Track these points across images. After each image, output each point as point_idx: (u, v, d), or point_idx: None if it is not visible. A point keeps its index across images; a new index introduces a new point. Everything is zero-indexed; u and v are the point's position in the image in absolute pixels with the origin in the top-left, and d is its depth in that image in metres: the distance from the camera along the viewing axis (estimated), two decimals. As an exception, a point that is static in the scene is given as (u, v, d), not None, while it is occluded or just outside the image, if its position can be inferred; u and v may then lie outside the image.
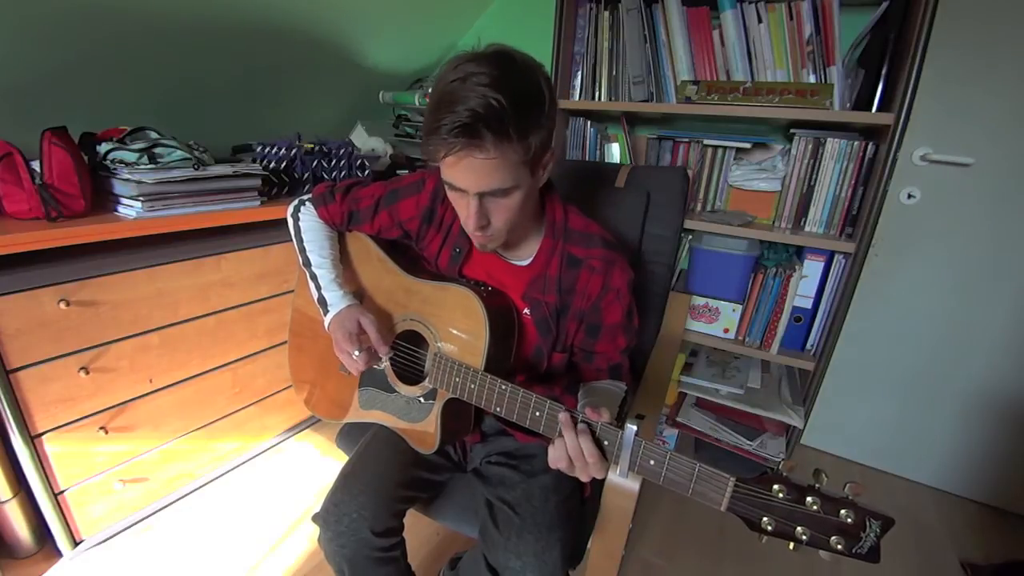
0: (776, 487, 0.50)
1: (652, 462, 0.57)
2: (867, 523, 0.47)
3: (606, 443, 0.60)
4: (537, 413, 0.65)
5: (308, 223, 0.89)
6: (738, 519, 0.53)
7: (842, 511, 0.48)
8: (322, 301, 0.83)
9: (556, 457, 0.63)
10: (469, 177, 0.64)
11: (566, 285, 0.78)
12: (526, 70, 0.63)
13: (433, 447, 0.80)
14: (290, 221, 0.90)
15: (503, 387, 0.68)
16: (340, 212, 0.88)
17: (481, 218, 0.67)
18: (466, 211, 0.68)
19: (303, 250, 0.87)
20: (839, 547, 0.48)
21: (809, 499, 0.49)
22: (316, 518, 0.82)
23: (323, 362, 0.94)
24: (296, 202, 0.90)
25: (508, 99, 0.58)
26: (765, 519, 0.51)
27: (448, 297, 0.78)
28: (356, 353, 0.77)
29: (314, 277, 0.85)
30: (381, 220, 0.87)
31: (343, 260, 0.92)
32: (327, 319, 0.81)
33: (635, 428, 0.58)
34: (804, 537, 0.50)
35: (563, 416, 0.62)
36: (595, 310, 0.78)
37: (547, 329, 0.79)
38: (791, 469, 0.51)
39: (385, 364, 0.86)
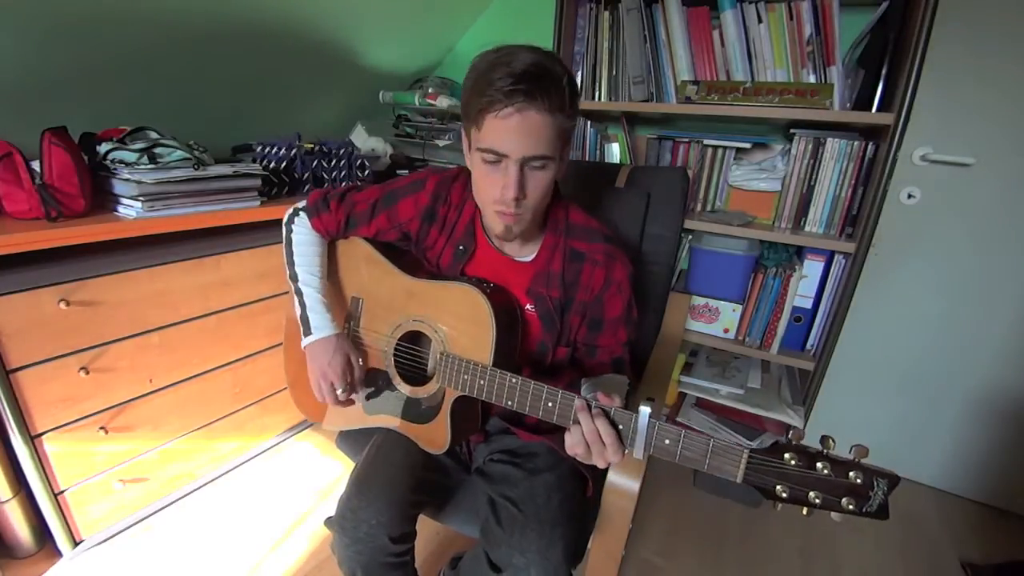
0: (788, 455, 0.52)
1: (667, 441, 0.59)
2: (875, 482, 0.49)
3: (620, 427, 0.61)
4: (550, 404, 0.66)
5: (300, 236, 0.88)
6: (737, 519, 0.54)
7: (851, 473, 0.50)
8: (305, 320, 0.83)
9: (573, 443, 0.63)
10: (519, 137, 0.64)
11: (569, 279, 0.79)
12: (562, 62, 0.67)
13: (443, 447, 0.81)
14: (284, 231, 0.89)
15: (514, 381, 0.69)
16: (335, 219, 0.87)
17: (520, 189, 0.67)
18: (503, 182, 0.67)
19: (291, 263, 0.86)
20: (850, 507, 0.50)
21: (819, 464, 0.51)
22: (331, 523, 0.81)
23: None
24: (291, 211, 0.89)
25: (560, 70, 0.64)
26: (779, 487, 0.53)
27: (451, 295, 0.79)
28: (339, 391, 0.80)
29: (300, 294, 0.84)
30: (379, 222, 0.87)
31: (341, 263, 0.92)
32: (308, 340, 0.82)
33: (648, 410, 0.59)
34: (817, 501, 0.51)
35: (578, 402, 0.63)
36: (597, 303, 0.80)
37: (551, 324, 0.80)
38: (800, 439, 0.53)
39: (361, 399, 0.88)
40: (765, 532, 1.38)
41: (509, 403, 0.70)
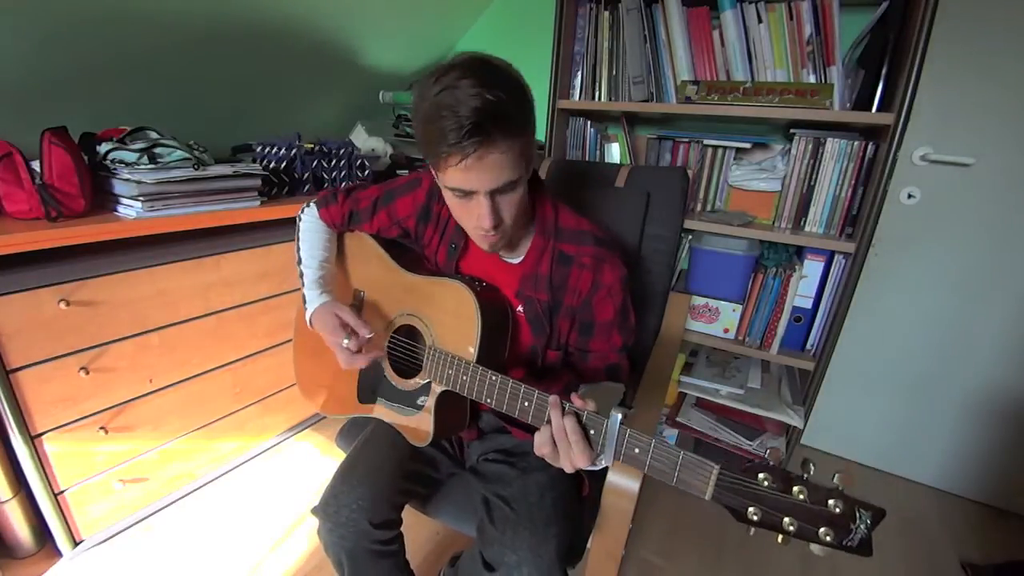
0: (762, 476, 0.49)
1: (637, 450, 0.57)
2: (857, 514, 0.45)
3: (591, 432, 0.61)
4: (526, 403, 0.66)
5: (308, 224, 0.94)
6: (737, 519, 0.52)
7: (830, 501, 0.46)
8: (304, 299, 0.87)
9: (541, 442, 0.64)
10: (484, 177, 0.64)
11: (557, 282, 0.79)
12: (504, 67, 0.64)
13: (426, 440, 0.81)
14: (296, 222, 0.95)
15: (493, 378, 0.69)
16: (341, 213, 0.92)
17: (495, 216, 0.68)
18: (477, 213, 0.68)
19: (298, 248, 0.92)
20: (828, 539, 0.46)
21: (796, 488, 0.47)
22: (315, 511, 0.82)
23: (325, 360, 0.95)
24: (304, 206, 0.95)
25: (504, 93, 0.60)
26: (751, 509, 0.49)
27: (442, 291, 0.80)
28: (345, 341, 0.78)
29: (301, 275, 0.89)
30: (380, 219, 0.90)
31: (345, 258, 0.95)
32: (307, 317, 0.86)
33: (620, 416, 0.58)
34: (792, 528, 0.47)
35: (552, 398, 0.63)
36: (586, 307, 0.79)
37: (540, 327, 0.80)
38: (778, 460, 0.51)
39: (380, 357, 0.87)
40: (764, 532, 1.38)
41: (488, 400, 0.70)
